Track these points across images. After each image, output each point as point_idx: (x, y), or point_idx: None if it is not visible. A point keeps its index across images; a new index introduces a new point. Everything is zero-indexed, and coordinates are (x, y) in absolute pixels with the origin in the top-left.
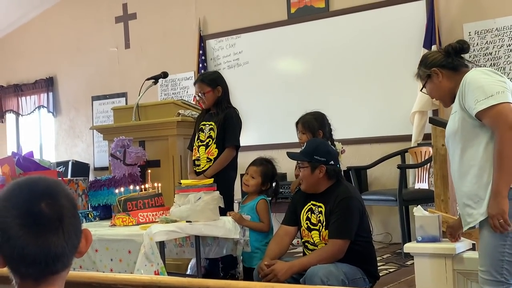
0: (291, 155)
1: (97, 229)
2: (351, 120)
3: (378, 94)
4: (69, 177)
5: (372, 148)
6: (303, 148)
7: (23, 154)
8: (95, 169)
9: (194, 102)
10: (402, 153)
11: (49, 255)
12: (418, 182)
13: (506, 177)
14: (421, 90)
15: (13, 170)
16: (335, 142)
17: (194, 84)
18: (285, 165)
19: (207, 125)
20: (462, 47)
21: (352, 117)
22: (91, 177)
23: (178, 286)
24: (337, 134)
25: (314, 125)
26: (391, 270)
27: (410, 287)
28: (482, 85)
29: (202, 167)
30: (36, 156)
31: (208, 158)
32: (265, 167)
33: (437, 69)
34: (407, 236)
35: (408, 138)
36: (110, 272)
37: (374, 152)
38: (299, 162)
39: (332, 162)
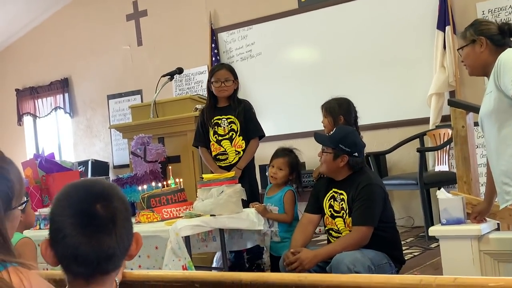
0: (318, 137)
1: None
2: (368, 105)
3: (394, 78)
4: (89, 176)
5: (390, 133)
6: (331, 133)
7: (44, 156)
8: (115, 167)
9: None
10: (420, 136)
11: (101, 255)
12: (438, 165)
13: None
14: (458, 49)
15: (35, 172)
16: None
17: (217, 70)
18: (304, 154)
19: (224, 119)
20: None
21: (368, 103)
22: (112, 176)
23: (211, 280)
24: None
25: (336, 110)
26: (415, 254)
27: (436, 270)
28: None
29: (231, 161)
30: (56, 157)
31: (236, 151)
32: (290, 157)
33: (485, 39)
34: (430, 219)
35: (426, 121)
36: (139, 269)
37: (392, 136)
38: (323, 146)
39: (356, 154)
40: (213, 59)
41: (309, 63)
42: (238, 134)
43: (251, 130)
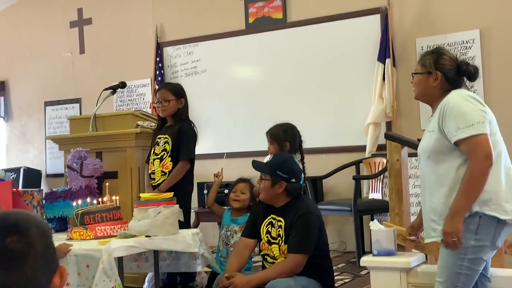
0: (255, 165)
1: (54, 243)
2: (307, 130)
3: (333, 105)
4: (20, 184)
5: (327, 158)
6: (269, 160)
7: None
8: (47, 175)
9: (150, 110)
10: (356, 163)
11: None
12: (372, 192)
13: (467, 201)
14: (413, 73)
15: None
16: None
17: (158, 90)
18: (242, 174)
19: (162, 138)
20: (473, 74)
21: (307, 127)
22: (43, 184)
23: None
24: None
25: (281, 136)
26: (346, 280)
27: None
28: (464, 112)
29: (157, 181)
30: None
31: (162, 171)
32: (250, 184)
33: (441, 74)
34: (362, 246)
35: (362, 148)
36: (67, 286)
37: (329, 161)
38: (261, 173)
39: (293, 180)
40: (157, 72)
41: (253, 84)
42: (168, 154)
43: (180, 152)
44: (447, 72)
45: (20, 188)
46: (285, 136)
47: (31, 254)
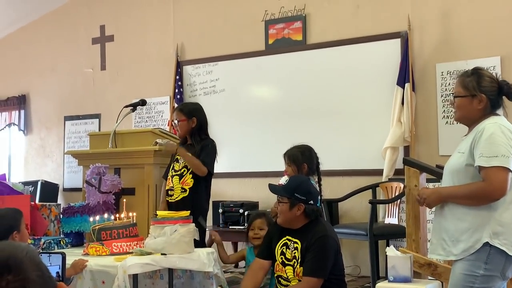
0: (272, 188)
1: (70, 258)
2: (324, 152)
3: (351, 128)
4: (38, 197)
5: (343, 181)
6: (286, 182)
7: None
8: (65, 189)
9: (168, 127)
10: (373, 187)
11: None
12: (388, 217)
13: (455, 197)
14: (454, 96)
15: None
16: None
17: (174, 112)
18: (258, 194)
19: None
20: None
21: (324, 149)
22: (60, 198)
23: None
24: None
25: (299, 158)
26: None
27: None
28: (493, 143)
29: (176, 197)
30: (5, 174)
31: (182, 188)
32: (267, 217)
33: (486, 98)
34: (377, 271)
35: (379, 172)
36: None
37: (345, 184)
38: (278, 196)
39: (311, 202)
40: (176, 90)
41: (271, 104)
42: (189, 171)
43: (201, 160)
44: (490, 95)
45: (37, 201)
46: (303, 158)
47: None
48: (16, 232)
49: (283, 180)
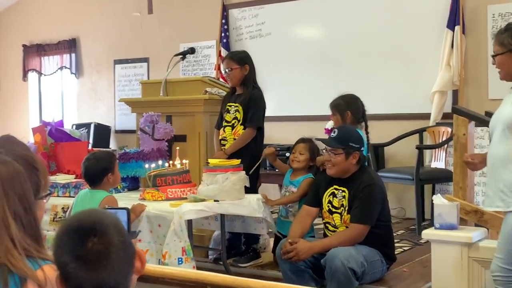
0: (325, 141)
1: (128, 202)
2: (370, 95)
3: (399, 71)
4: (91, 138)
5: (389, 125)
6: (335, 134)
7: (54, 124)
8: (116, 131)
9: (215, 71)
10: (420, 131)
11: (104, 287)
12: (434, 161)
13: None
14: (493, 55)
15: (44, 139)
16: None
17: (222, 61)
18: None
19: (233, 106)
20: None
21: (371, 93)
22: (112, 140)
23: (222, 284)
24: None
25: (342, 106)
26: (405, 248)
27: (424, 267)
28: None
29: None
30: (58, 117)
31: (234, 138)
32: (311, 143)
33: None
34: (422, 214)
35: (426, 116)
36: (139, 243)
37: (391, 128)
38: (330, 148)
39: (363, 149)
40: (223, 34)
41: (317, 48)
42: (240, 122)
43: (248, 119)
44: None
45: (90, 142)
46: (346, 106)
47: (112, 251)
48: (110, 174)
49: (329, 124)
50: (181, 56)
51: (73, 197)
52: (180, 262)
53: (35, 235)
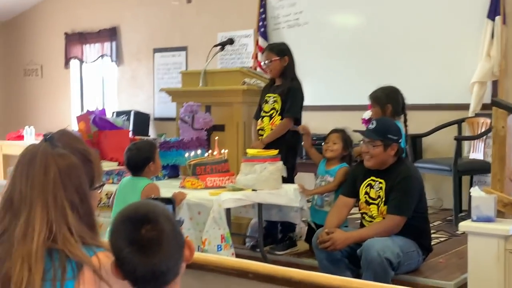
0: (364, 133)
1: (169, 189)
2: (409, 85)
3: (438, 61)
4: (131, 126)
5: (427, 115)
6: (373, 126)
7: (98, 113)
8: (155, 119)
9: (253, 61)
10: (459, 122)
11: (157, 273)
12: (473, 152)
13: None
14: None
15: (88, 127)
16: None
17: (262, 53)
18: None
19: (272, 97)
20: None
21: (409, 82)
22: (151, 127)
23: (264, 273)
24: None
25: (382, 99)
26: (441, 239)
27: (461, 259)
28: None
29: None
30: (99, 104)
31: (272, 129)
32: (344, 133)
33: None
34: (459, 205)
35: (465, 107)
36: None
37: (429, 118)
38: (369, 139)
39: (401, 141)
40: (260, 23)
41: (354, 37)
42: (278, 113)
43: (286, 109)
44: None
45: (130, 130)
46: (387, 99)
47: (164, 239)
48: (151, 163)
49: (366, 114)
50: (220, 46)
51: (116, 183)
52: (219, 249)
53: (90, 223)
